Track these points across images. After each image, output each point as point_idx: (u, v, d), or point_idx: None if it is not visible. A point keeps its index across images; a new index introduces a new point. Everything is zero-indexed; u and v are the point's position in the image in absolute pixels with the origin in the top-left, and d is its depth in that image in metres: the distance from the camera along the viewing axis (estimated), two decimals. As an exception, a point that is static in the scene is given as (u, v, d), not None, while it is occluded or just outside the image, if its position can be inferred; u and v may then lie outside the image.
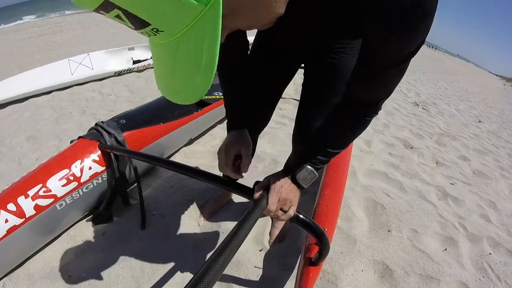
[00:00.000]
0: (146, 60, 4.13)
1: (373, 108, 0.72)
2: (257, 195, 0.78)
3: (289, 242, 1.47)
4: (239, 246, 0.64)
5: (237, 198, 1.73)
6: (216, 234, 1.49)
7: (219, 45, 0.38)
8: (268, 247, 1.44)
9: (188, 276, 1.28)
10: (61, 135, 2.36)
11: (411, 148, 2.74)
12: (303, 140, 1.19)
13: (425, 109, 4.38)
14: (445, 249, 1.55)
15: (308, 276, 0.97)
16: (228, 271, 1.32)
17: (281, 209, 0.79)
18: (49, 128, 2.51)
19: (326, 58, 1.00)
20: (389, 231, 1.60)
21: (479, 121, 4.65)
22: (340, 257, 1.40)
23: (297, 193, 0.81)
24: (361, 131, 0.78)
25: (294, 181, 0.80)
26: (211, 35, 0.38)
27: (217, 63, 0.39)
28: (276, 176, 0.81)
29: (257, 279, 1.29)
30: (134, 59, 4.15)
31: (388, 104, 4.01)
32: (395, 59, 0.58)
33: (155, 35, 0.41)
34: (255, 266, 1.34)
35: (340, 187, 1.52)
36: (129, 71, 3.93)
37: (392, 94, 0.70)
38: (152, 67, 3.93)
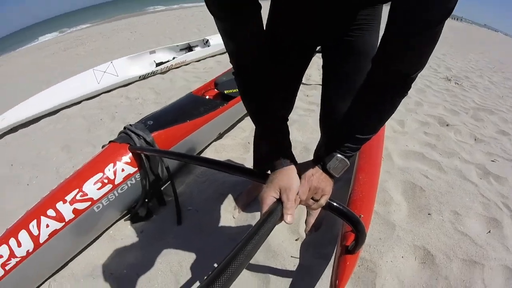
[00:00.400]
0: (168, 61, 4.19)
1: (407, 83, 0.67)
2: None
3: (325, 230, 1.44)
4: (267, 235, 0.63)
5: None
6: (250, 226, 1.49)
7: None
8: (304, 236, 1.43)
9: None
10: (94, 141, 2.44)
11: (447, 125, 2.61)
12: (330, 124, 1.15)
13: (458, 83, 4.15)
14: (489, 231, 1.46)
15: (345, 264, 0.94)
16: (264, 261, 1.32)
17: (313, 198, 0.76)
18: (82, 136, 2.61)
19: (344, 37, 0.96)
20: (429, 214, 1.53)
21: (517, 93, 4.33)
22: (379, 244, 1.36)
23: (329, 182, 0.77)
24: (391, 112, 0.74)
25: (325, 170, 0.77)
26: None
27: None
28: (306, 165, 0.79)
29: (294, 268, 1.28)
30: (157, 61, 4.23)
31: (418, 82, 3.85)
32: (432, 18, 0.55)
33: None
34: (291, 256, 1.33)
35: (375, 171, 1.46)
36: (153, 73, 4.00)
37: (422, 70, 0.65)
38: (176, 67, 3.97)
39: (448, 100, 3.39)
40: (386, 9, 0.70)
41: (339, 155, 0.75)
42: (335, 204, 0.77)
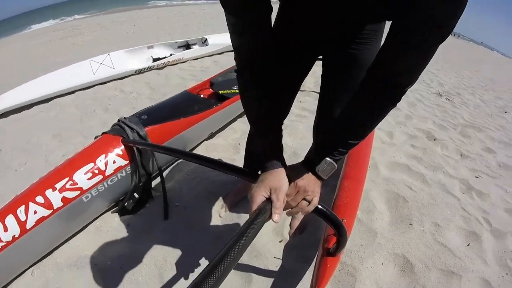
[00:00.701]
0: (165, 57, 4.20)
1: (398, 94, 0.71)
2: None
3: (309, 234, 1.47)
4: (257, 232, 0.65)
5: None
6: (237, 225, 1.52)
7: None
8: (288, 238, 1.45)
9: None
10: (85, 132, 2.44)
11: (434, 140, 2.67)
12: (324, 131, 1.18)
13: (449, 99, 4.23)
14: (468, 244, 1.50)
15: (326, 266, 0.97)
16: (247, 261, 1.34)
17: (305, 199, 0.79)
18: (74, 126, 2.60)
19: (347, 49, 0.99)
20: (410, 224, 1.57)
21: (505, 112, 4.42)
22: (360, 250, 1.39)
23: (318, 184, 0.80)
24: (380, 120, 0.77)
25: (314, 172, 0.80)
26: None
27: None
28: (296, 168, 0.82)
29: (276, 269, 1.31)
30: (154, 57, 4.22)
31: (410, 95, 3.92)
32: (433, 37, 0.58)
33: None
34: (274, 257, 1.35)
35: (360, 179, 1.50)
36: (149, 69, 4.00)
37: (414, 84, 0.69)
38: (172, 64, 3.95)
39: (438, 115, 3.46)
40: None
41: (328, 159, 0.78)
42: (319, 206, 0.80)
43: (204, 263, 1.32)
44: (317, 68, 1.14)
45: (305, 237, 1.46)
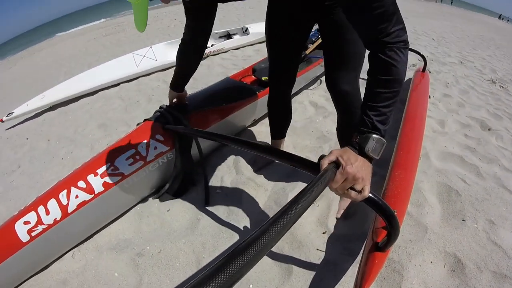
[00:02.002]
0: (206, 48, 4.21)
1: (384, 41, 0.74)
2: (324, 167, 0.73)
3: (355, 225, 1.40)
4: (298, 218, 0.59)
5: (300, 173, 1.72)
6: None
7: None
8: (332, 230, 1.39)
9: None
10: (129, 121, 2.52)
11: (488, 130, 2.45)
12: (335, 94, 1.30)
13: (503, 87, 3.86)
14: (523, 246, 1.35)
15: (373, 262, 0.91)
16: (288, 251, 1.31)
17: (353, 189, 0.73)
18: (119, 116, 2.70)
19: (329, 15, 1.17)
20: (463, 220, 1.44)
21: None
22: (409, 246, 1.30)
23: (369, 168, 0.75)
24: (392, 71, 0.75)
25: (363, 154, 0.75)
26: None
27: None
28: (344, 151, 0.76)
29: (318, 262, 1.26)
30: (196, 48, 4.27)
31: (462, 82, 3.63)
32: None
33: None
34: (317, 249, 1.30)
35: (412, 169, 1.41)
36: (191, 59, 4.05)
37: (465, 70, 0.64)
38: (214, 54, 4.08)
39: (491, 103, 3.17)
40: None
41: (374, 135, 0.74)
42: (370, 195, 0.74)
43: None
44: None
45: (351, 228, 1.39)
